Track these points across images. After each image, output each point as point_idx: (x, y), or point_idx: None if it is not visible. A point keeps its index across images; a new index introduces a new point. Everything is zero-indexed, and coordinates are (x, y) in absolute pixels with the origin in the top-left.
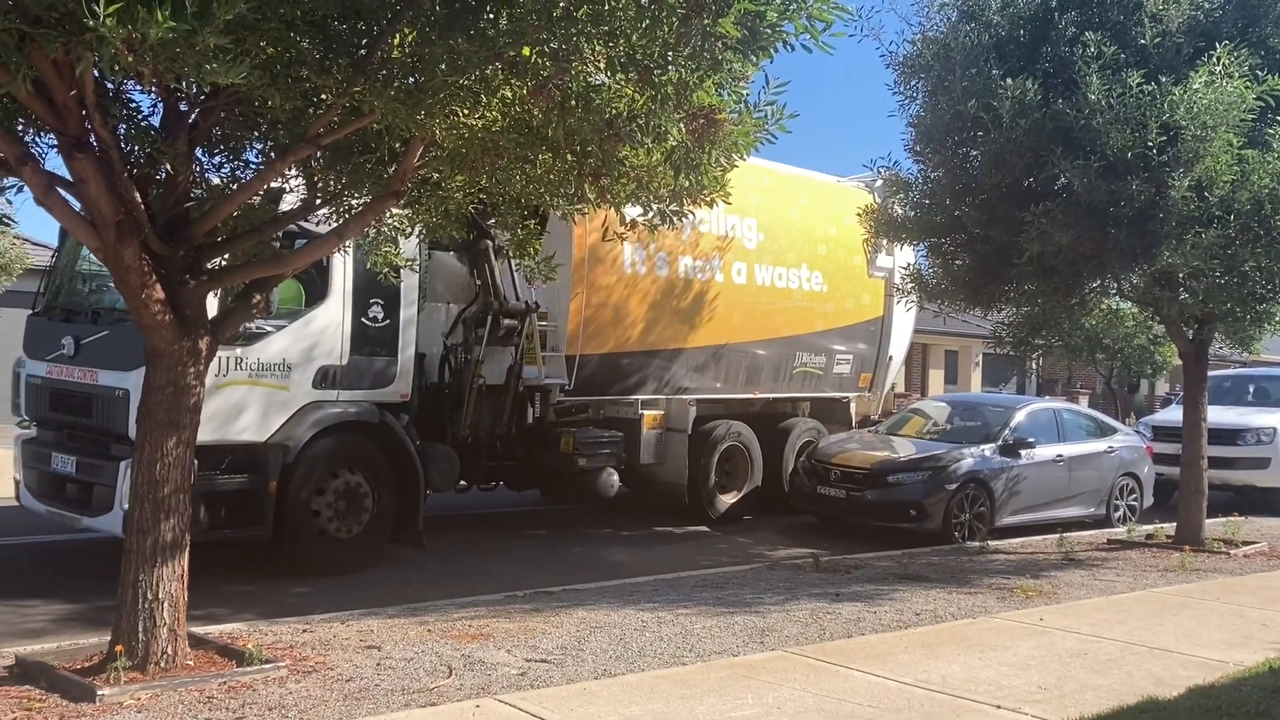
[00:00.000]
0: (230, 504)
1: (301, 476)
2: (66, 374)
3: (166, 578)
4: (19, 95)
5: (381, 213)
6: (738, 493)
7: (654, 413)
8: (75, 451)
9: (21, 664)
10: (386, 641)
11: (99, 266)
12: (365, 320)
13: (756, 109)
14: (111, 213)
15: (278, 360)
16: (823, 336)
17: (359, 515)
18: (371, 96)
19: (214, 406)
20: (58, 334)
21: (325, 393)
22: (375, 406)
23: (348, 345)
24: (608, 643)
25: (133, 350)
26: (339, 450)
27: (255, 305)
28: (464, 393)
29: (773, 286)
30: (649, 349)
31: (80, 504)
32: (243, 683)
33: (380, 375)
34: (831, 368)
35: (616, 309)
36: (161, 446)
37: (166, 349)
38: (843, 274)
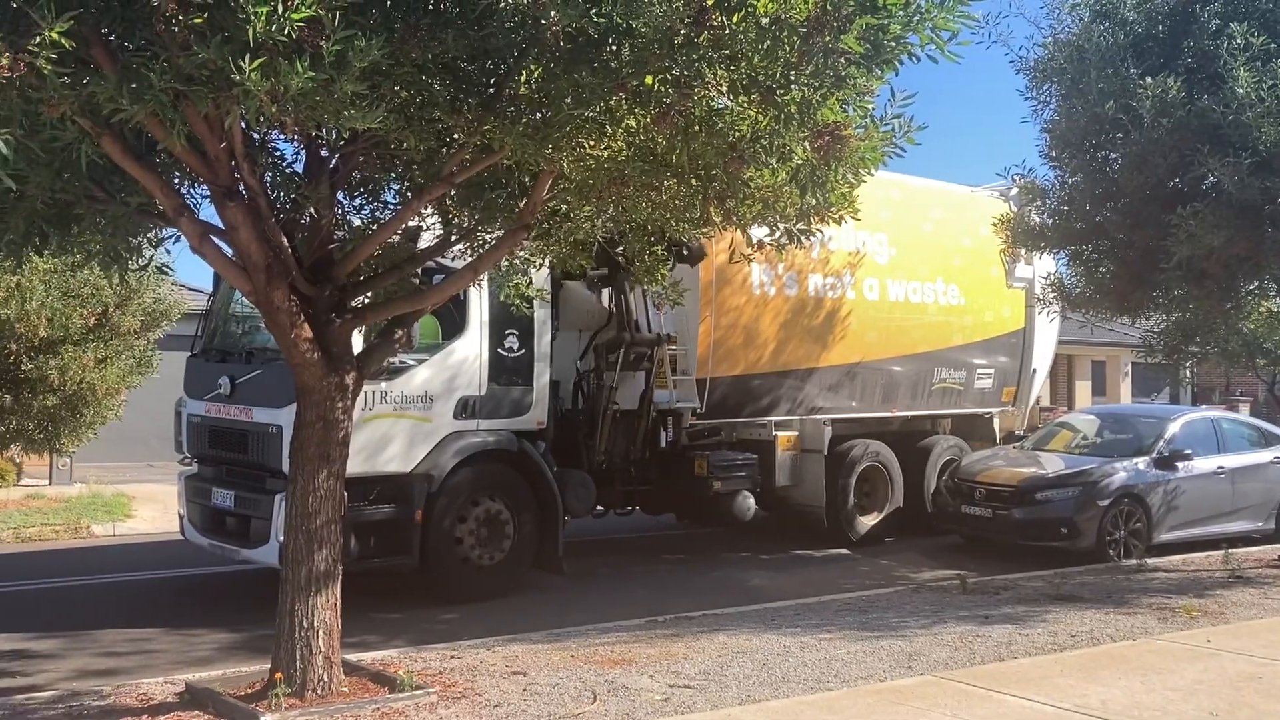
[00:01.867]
0: (378, 534)
1: (445, 505)
2: (223, 412)
3: (321, 606)
4: (175, 150)
5: (514, 245)
6: (878, 514)
7: (789, 434)
8: (233, 486)
9: (191, 691)
10: (531, 667)
11: (250, 309)
12: (501, 351)
13: (883, 123)
14: (261, 257)
15: (420, 393)
16: (962, 351)
17: (500, 542)
18: (501, 133)
19: (361, 439)
20: (214, 374)
21: (466, 423)
22: (514, 435)
23: (486, 376)
24: (750, 668)
25: (285, 388)
26: (480, 479)
27: (398, 340)
28: (598, 418)
29: (907, 301)
30: (780, 369)
31: (239, 537)
32: (395, 709)
33: (517, 404)
34: (972, 383)
35: (746, 330)
36: (313, 479)
37: (315, 385)
38: (980, 286)
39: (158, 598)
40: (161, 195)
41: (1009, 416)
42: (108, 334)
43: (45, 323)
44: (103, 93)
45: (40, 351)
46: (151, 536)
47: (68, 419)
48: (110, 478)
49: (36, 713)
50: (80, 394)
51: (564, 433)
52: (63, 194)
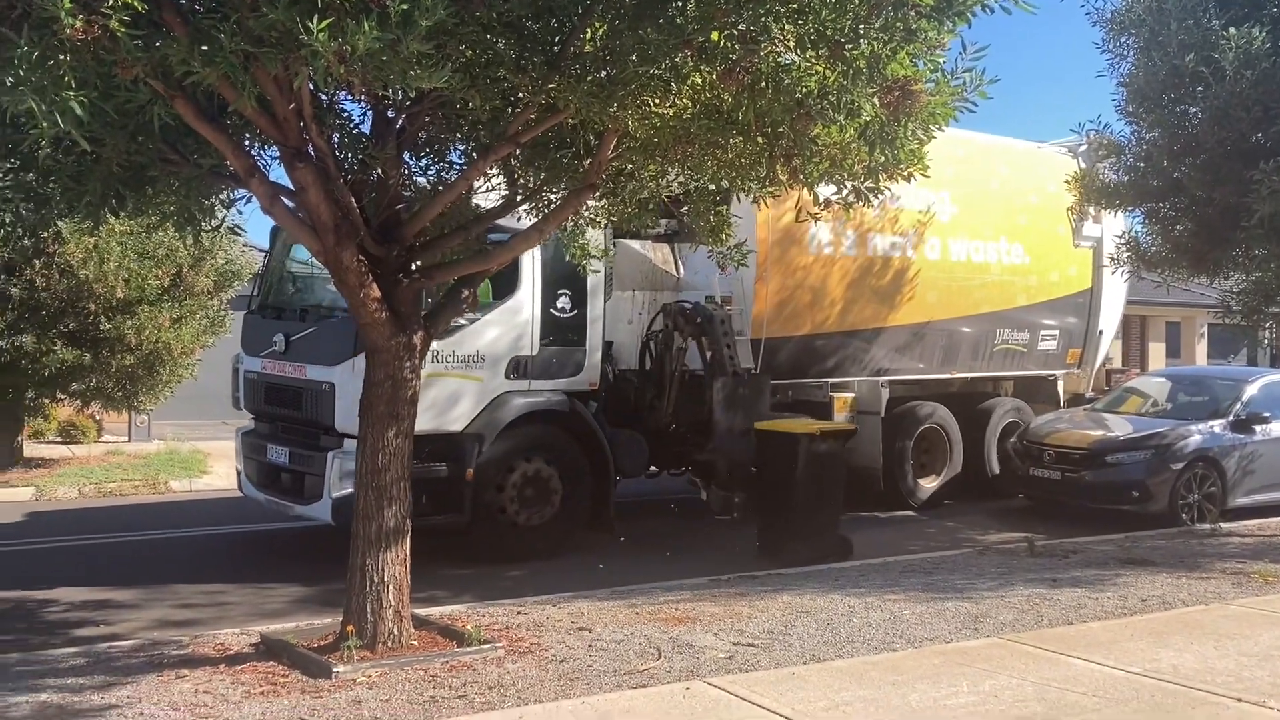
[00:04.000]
0: (430, 492)
1: (495, 465)
2: (278, 369)
3: (390, 562)
4: (246, 112)
5: (579, 205)
6: (936, 476)
7: (845, 395)
8: (288, 443)
9: (266, 642)
10: (597, 624)
11: (304, 267)
12: (554, 311)
13: (954, 77)
14: (330, 218)
15: (471, 352)
16: (1025, 311)
17: (548, 502)
18: (566, 92)
19: None
20: (270, 331)
21: (517, 383)
22: (565, 395)
23: (538, 336)
24: (814, 628)
25: (337, 346)
26: (530, 439)
27: (464, 301)
28: (667, 380)
29: (969, 261)
30: (838, 330)
31: (293, 493)
32: (464, 662)
33: (570, 365)
34: (1036, 344)
35: (803, 291)
36: (382, 437)
37: (384, 345)
38: (1046, 245)
39: (232, 552)
40: (233, 157)
41: (1074, 379)
42: (182, 294)
43: (122, 283)
44: (174, 55)
45: (117, 311)
46: (226, 492)
47: (145, 377)
48: (186, 435)
49: (119, 660)
50: (156, 353)
51: (622, 394)
52: (138, 156)
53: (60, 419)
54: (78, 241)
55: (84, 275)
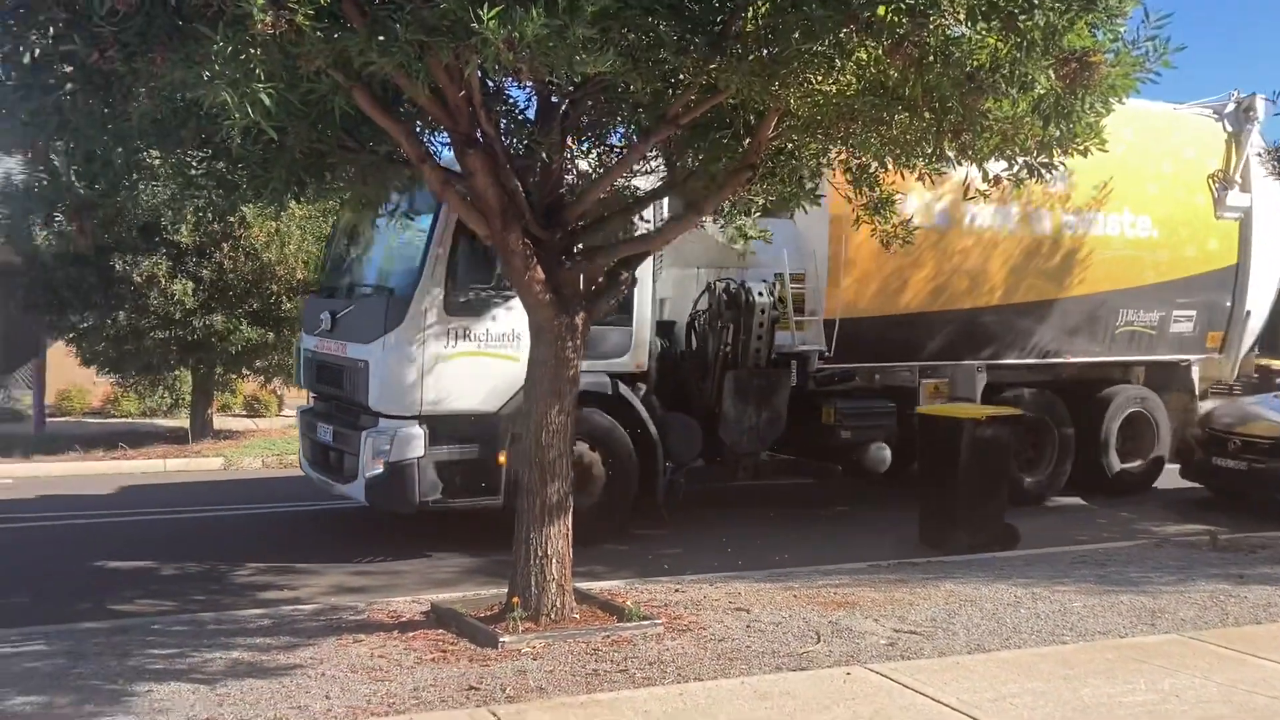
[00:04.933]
0: (464, 473)
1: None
2: (325, 347)
3: (554, 536)
4: (419, 100)
5: (737, 186)
6: (1042, 471)
7: (935, 380)
8: (332, 421)
9: (436, 610)
10: (754, 605)
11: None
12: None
13: (1135, 46)
14: (497, 202)
15: (506, 330)
16: (1154, 290)
17: (589, 487)
18: (728, 72)
19: (445, 377)
20: (321, 309)
21: None
22: (608, 377)
23: None
24: (979, 617)
25: (372, 323)
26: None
27: (624, 282)
28: (710, 361)
29: (1084, 234)
30: (924, 310)
31: (336, 471)
32: (624, 637)
33: (613, 345)
34: (1167, 326)
35: (883, 267)
36: (546, 415)
37: (548, 325)
38: (1180, 217)
39: (403, 524)
40: (407, 144)
41: (1214, 364)
42: None
43: (301, 265)
44: (354, 46)
45: (298, 292)
46: None
47: None
48: None
49: (300, 623)
50: None
51: (679, 376)
52: (318, 144)
53: (245, 393)
54: (261, 226)
55: (267, 258)
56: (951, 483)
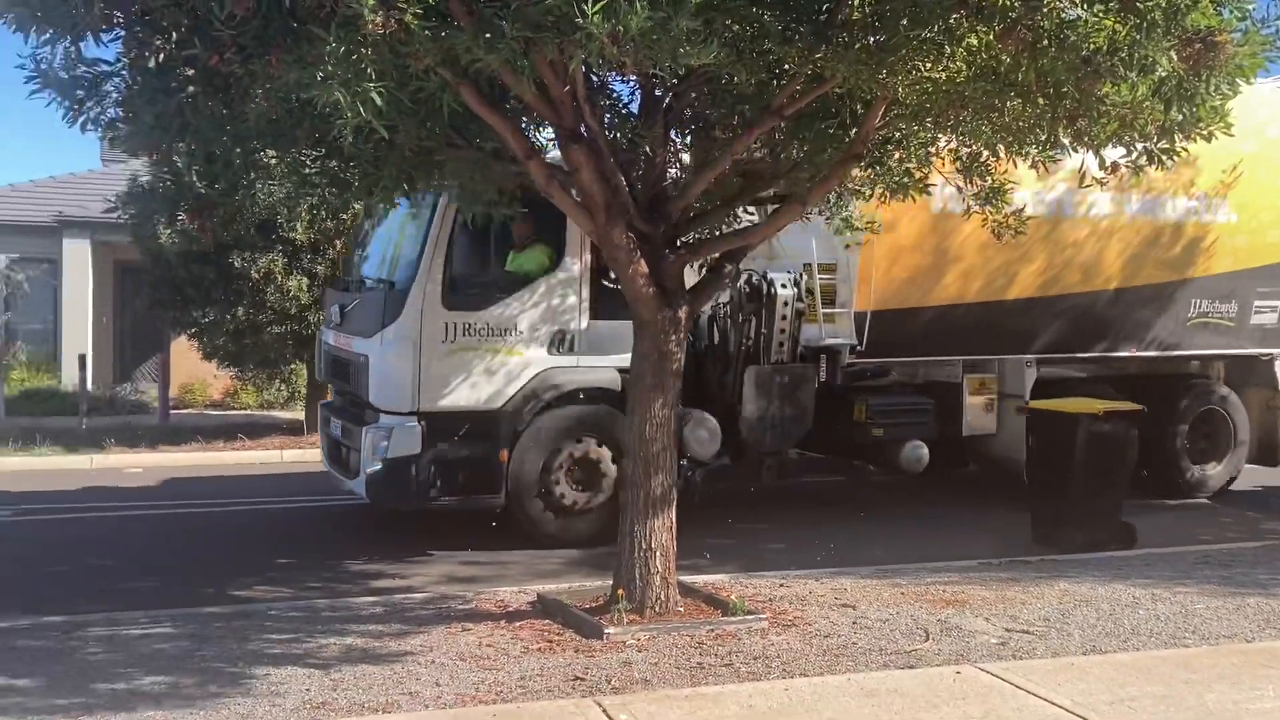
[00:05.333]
0: (464, 471)
1: (535, 444)
2: (336, 340)
3: (658, 529)
4: (525, 96)
5: (843, 176)
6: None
7: (980, 375)
8: (342, 416)
9: (542, 601)
10: (860, 601)
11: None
12: (607, 282)
13: (1264, 25)
14: (602, 196)
15: (509, 325)
16: (1231, 279)
17: (598, 486)
18: (833, 61)
19: (447, 372)
20: (334, 303)
21: (563, 358)
22: (618, 373)
23: (587, 309)
24: (1095, 618)
25: (372, 317)
26: (577, 418)
27: (727, 275)
28: (731, 356)
29: (1151, 219)
30: (967, 301)
31: (345, 466)
32: (729, 631)
33: (624, 340)
34: (1247, 317)
35: (921, 256)
36: (650, 408)
37: (651, 319)
38: (1263, 199)
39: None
40: (513, 140)
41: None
42: None
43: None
44: (461, 44)
45: None
46: None
47: None
48: None
49: (411, 611)
50: None
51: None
52: (427, 142)
53: None
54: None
55: None
56: (1065, 479)
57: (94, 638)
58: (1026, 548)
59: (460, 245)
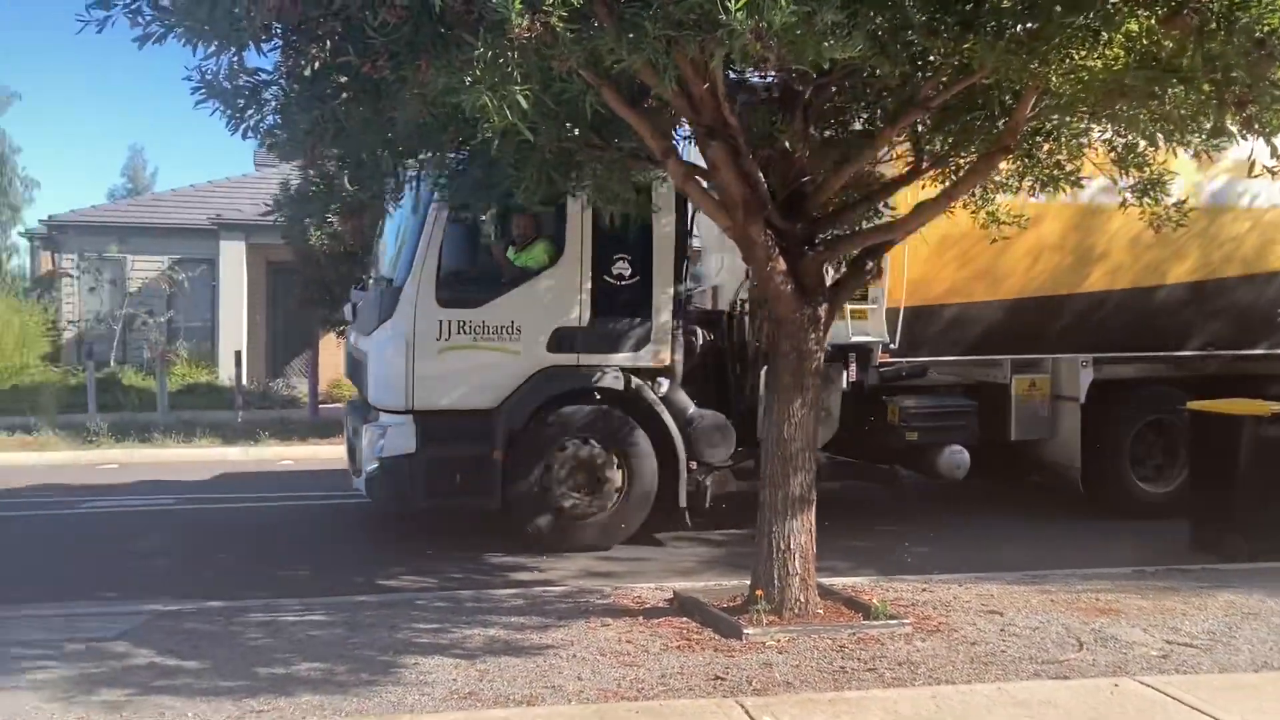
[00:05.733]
0: (460, 472)
1: (535, 446)
2: (353, 340)
3: (797, 530)
4: (666, 94)
5: (991, 169)
6: (1170, 482)
7: (1031, 376)
8: (354, 415)
9: (679, 599)
10: (1008, 608)
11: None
12: (609, 278)
13: None
14: (740, 193)
15: (506, 323)
16: None
17: (601, 489)
18: (981, 51)
19: (442, 371)
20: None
21: (563, 357)
22: (622, 372)
23: (588, 307)
24: (1265, 632)
25: (372, 316)
26: (580, 420)
27: (868, 272)
28: (750, 355)
29: (1229, 206)
30: (1013, 296)
31: (355, 464)
32: (870, 635)
33: (630, 338)
34: None
35: (960, 248)
36: (789, 407)
37: (789, 316)
38: None
39: None
40: (651, 139)
41: None
42: None
43: None
44: (604, 45)
45: None
46: None
47: None
48: None
49: (550, 605)
50: None
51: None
52: (567, 143)
53: None
54: None
55: None
56: (1228, 483)
57: (254, 623)
58: (1181, 555)
59: (454, 243)
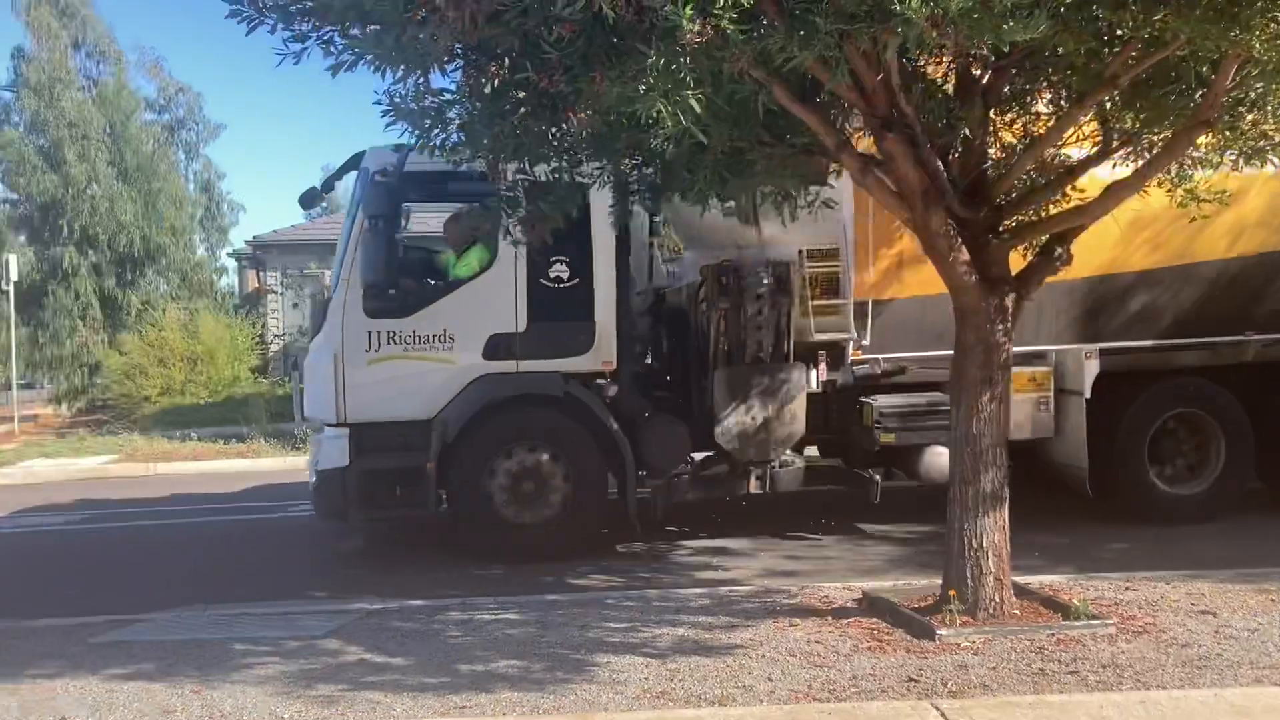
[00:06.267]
0: (395, 484)
1: (472, 456)
2: None
3: (989, 528)
4: (838, 89)
5: (1187, 146)
6: (1197, 481)
7: (1030, 370)
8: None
9: (868, 599)
10: (1222, 608)
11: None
12: (546, 282)
13: None
14: (919, 184)
15: (438, 332)
16: None
17: (546, 498)
18: (1176, 21)
19: (373, 383)
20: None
21: (501, 364)
22: (560, 378)
23: (525, 311)
24: None
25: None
26: (520, 427)
27: (1058, 258)
28: (707, 357)
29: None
30: None
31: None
32: (1071, 637)
33: (570, 343)
34: None
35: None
36: (977, 402)
37: (975, 308)
38: None
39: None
40: (825, 134)
41: None
42: None
43: None
44: (775, 43)
45: None
46: None
47: None
48: None
49: (737, 604)
50: None
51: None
52: (738, 142)
53: None
54: None
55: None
56: None
57: (453, 621)
58: None
59: (381, 252)
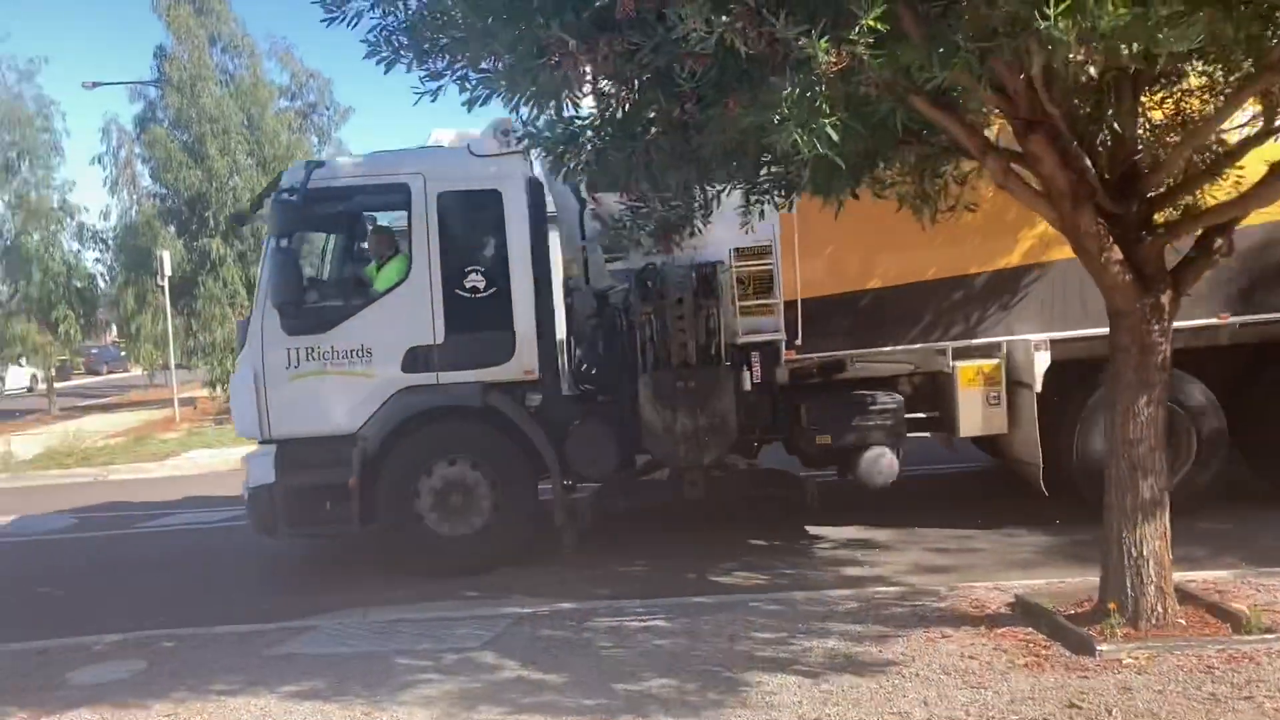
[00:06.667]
0: (320, 499)
1: (397, 469)
2: None
3: (1149, 535)
4: (980, 98)
5: None
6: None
7: (976, 363)
8: None
9: (1021, 603)
10: None
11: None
12: (462, 292)
13: None
14: (1065, 183)
15: (355, 346)
16: None
17: (474, 509)
18: None
19: (294, 399)
20: None
21: (421, 376)
22: (481, 388)
23: (441, 323)
24: None
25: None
26: (443, 439)
27: (1218, 250)
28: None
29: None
30: (938, 277)
31: None
32: (1242, 653)
33: (490, 352)
34: None
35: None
36: (1133, 406)
37: (1128, 308)
38: None
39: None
40: (967, 138)
41: None
42: None
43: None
44: (913, 63)
45: None
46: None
47: None
48: None
49: (886, 609)
50: None
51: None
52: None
53: None
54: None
55: None
56: None
57: (602, 629)
58: None
59: (296, 269)
